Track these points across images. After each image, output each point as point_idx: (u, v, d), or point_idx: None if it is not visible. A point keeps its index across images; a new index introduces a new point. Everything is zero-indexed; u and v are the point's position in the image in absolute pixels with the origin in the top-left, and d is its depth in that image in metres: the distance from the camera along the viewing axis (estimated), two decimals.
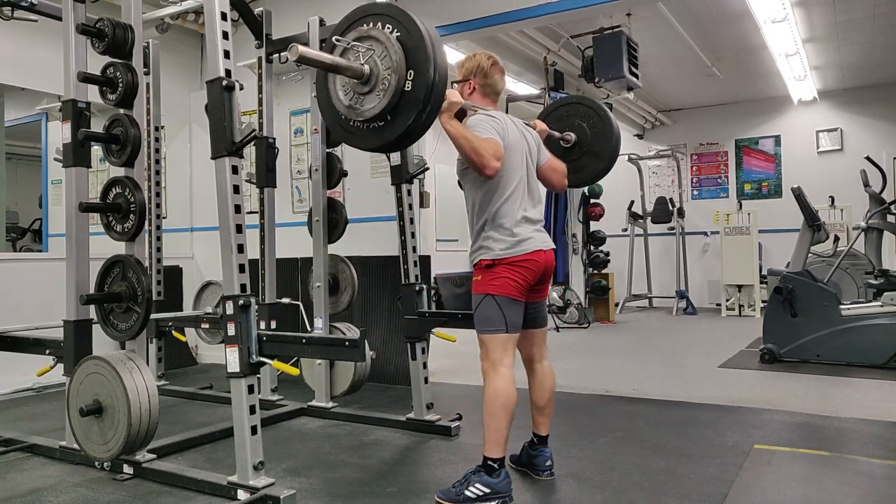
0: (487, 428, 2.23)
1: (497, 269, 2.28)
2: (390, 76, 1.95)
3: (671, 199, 9.15)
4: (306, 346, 2.37)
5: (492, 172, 2.22)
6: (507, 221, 2.30)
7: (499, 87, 2.53)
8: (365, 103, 2.01)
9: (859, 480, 2.42)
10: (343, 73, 2.03)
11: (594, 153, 2.93)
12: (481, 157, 2.19)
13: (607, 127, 2.92)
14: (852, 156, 8.25)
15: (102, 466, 2.62)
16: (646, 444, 2.90)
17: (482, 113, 2.39)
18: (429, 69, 1.90)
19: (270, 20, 3.74)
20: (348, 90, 2.05)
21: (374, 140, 2.05)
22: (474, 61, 2.51)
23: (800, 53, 6.82)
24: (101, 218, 2.66)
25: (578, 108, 3.00)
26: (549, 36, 6.29)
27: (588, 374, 4.60)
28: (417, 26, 1.94)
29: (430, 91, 1.91)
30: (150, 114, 4.09)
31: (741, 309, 8.15)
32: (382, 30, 1.99)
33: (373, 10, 2.06)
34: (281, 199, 4.43)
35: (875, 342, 4.45)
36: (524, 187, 2.38)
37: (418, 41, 1.92)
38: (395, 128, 1.98)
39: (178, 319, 4.20)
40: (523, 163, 2.40)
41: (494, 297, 2.27)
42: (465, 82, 2.51)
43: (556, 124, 2.98)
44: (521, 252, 2.29)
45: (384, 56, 1.97)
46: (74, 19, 2.71)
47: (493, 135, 2.28)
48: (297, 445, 3.00)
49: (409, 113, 1.93)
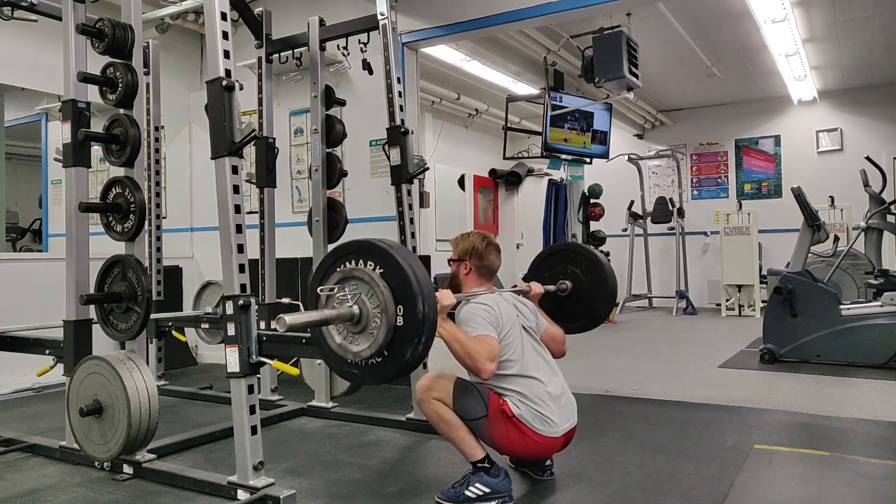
0: (454, 444, 2.25)
1: (511, 428, 2.22)
2: (380, 315, 1.92)
3: (671, 199, 9.15)
4: (306, 346, 2.37)
5: (487, 376, 2.18)
6: (531, 400, 2.24)
7: (495, 267, 2.53)
8: (359, 342, 1.98)
9: (859, 480, 2.41)
10: (334, 323, 2.02)
11: (588, 303, 2.92)
12: (475, 362, 2.16)
13: (600, 269, 2.91)
14: (852, 156, 8.25)
15: (102, 466, 2.62)
16: (646, 444, 2.91)
17: (473, 302, 2.36)
18: (418, 304, 1.86)
19: (270, 20, 3.74)
20: (341, 329, 2.03)
21: (373, 377, 2.02)
22: (469, 242, 2.51)
23: (800, 53, 6.81)
24: (101, 218, 2.66)
25: (568, 255, 3.01)
26: (549, 36, 6.29)
27: (588, 374, 4.60)
28: (397, 261, 1.91)
29: (422, 324, 1.87)
30: (150, 114, 4.09)
31: (741, 309, 8.14)
32: (364, 268, 1.96)
33: (351, 248, 2.02)
34: (281, 199, 4.43)
35: (875, 342, 4.45)
36: (537, 358, 2.35)
37: (402, 276, 1.90)
38: (392, 364, 1.94)
39: (178, 319, 4.20)
40: (525, 336, 2.37)
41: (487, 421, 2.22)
42: (461, 262, 2.51)
43: (552, 271, 2.98)
44: (545, 434, 2.23)
45: (371, 295, 1.95)
46: (74, 19, 2.71)
47: (487, 329, 2.24)
48: (297, 445, 3.00)
49: (405, 347, 1.89)
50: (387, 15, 3.29)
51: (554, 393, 2.30)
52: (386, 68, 3.29)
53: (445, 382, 2.26)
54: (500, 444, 2.27)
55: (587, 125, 7.24)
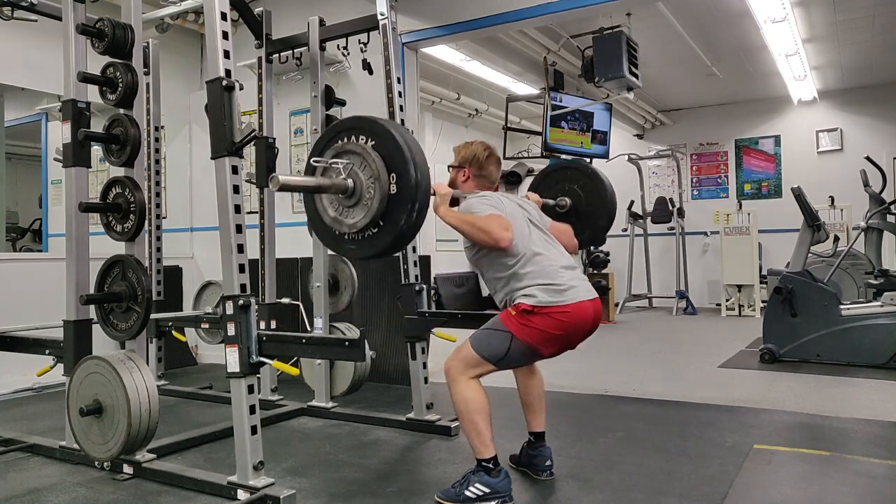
0: (469, 435, 2.23)
1: (534, 318, 2.15)
2: (374, 184, 1.96)
3: (671, 199, 9.15)
4: (306, 346, 2.37)
5: (507, 243, 2.17)
6: (545, 275, 2.20)
7: (494, 178, 2.53)
8: (354, 214, 2.02)
9: (859, 480, 2.41)
10: (328, 192, 2.05)
11: (589, 217, 2.92)
12: (490, 234, 2.16)
13: (599, 186, 2.92)
14: (852, 156, 8.25)
15: (102, 466, 2.62)
16: (646, 444, 2.91)
17: (472, 196, 2.38)
18: (410, 170, 1.91)
19: (270, 20, 3.74)
20: (336, 204, 2.07)
21: (369, 249, 2.04)
22: (470, 150, 2.51)
23: (800, 53, 6.82)
24: (101, 218, 2.66)
25: (567, 172, 3.01)
26: (549, 36, 6.29)
27: (588, 374, 4.60)
28: (391, 133, 1.96)
29: (416, 190, 1.92)
30: (150, 114, 4.09)
31: (741, 309, 8.14)
32: (357, 142, 2.00)
33: (345, 125, 2.08)
34: (281, 199, 4.43)
35: (875, 342, 4.45)
36: (544, 243, 2.34)
37: (394, 146, 1.94)
38: (388, 233, 1.98)
39: (178, 319, 4.20)
40: (530, 226, 2.37)
41: (514, 338, 2.17)
42: (461, 168, 2.51)
43: (550, 190, 2.98)
44: (565, 302, 2.16)
45: (364, 167, 1.99)
46: (74, 19, 2.71)
47: (492, 210, 2.26)
48: (297, 445, 3.00)
49: (399, 215, 1.94)
50: (387, 15, 3.29)
51: (566, 264, 2.28)
52: (386, 68, 3.29)
53: (464, 348, 2.24)
54: (544, 344, 2.17)
55: (587, 125, 7.24)
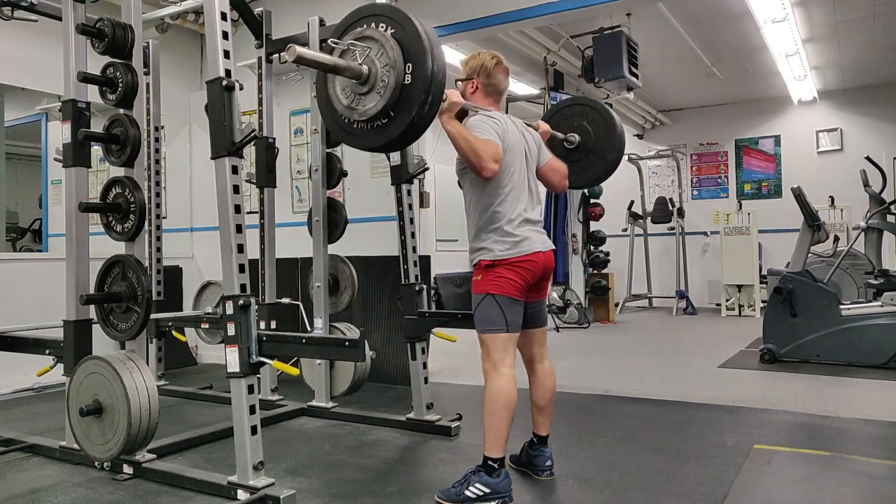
0: (488, 427, 2.22)
1: (497, 270, 2.28)
2: (388, 73, 1.94)
3: (671, 199, 9.15)
4: (306, 346, 2.37)
5: (489, 175, 2.22)
6: (507, 223, 2.30)
7: (502, 87, 2.52)
8: (365, 102, 2.00)
9: (859, 480, 2.42)
10: (342, 74, 2.03)
11: (598, 151, 2.92)
12: (479, 159, 2.20)
13: (610, 124, 2.92)
14: (852, 156, 8.25)
15: (102, 466, 2.62)
16: (646, 444, 2.91)
17: (482, 113, 2.39)
18: (427, 60, 1.88)
19: (270, 20, 3.74)
20: (348, 91, 2.05)
21: (376, 139, 2.04)
22: (478, 60, 2.50)
23: (800, 53, 6.82)
24: (101, 218, 2.66)
25: (578, 108, 3.00)
26: (549, 36, 6.30)
27: (588, 374, 4.60)
28: (412, 21, 1.94)
29: (429, 83, 1.89)
30: (150, 114, 4.09)
31: (741, 309, 8.14)
32: (378, 29, 1.98)
33: (367, 11, 2.06)
34: (281, 199, 4.43)
35: (875, 342, 4.45)
36: (524, 187, 2.38)
37: (414, 36, 1.92)
38: (397, 124, 1.97)
39: (178, 319, 4.20)
40: (523, 163, 2.40)
41: (495, 297, 2.27)
42: (469, 81, 2.50)
43: (559, 127, 2.98)
44: (521, 253, 2.29)
45: (381, 54, 1.97)
46: (74, 19, 2.71)
47: (493, 136, 2.27)
48: (297, 445, 3.00)
49: (411, 107, 1.92)
50: None
51: (530, 217, 2.36)
52: None
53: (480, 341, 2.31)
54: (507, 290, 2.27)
55: None
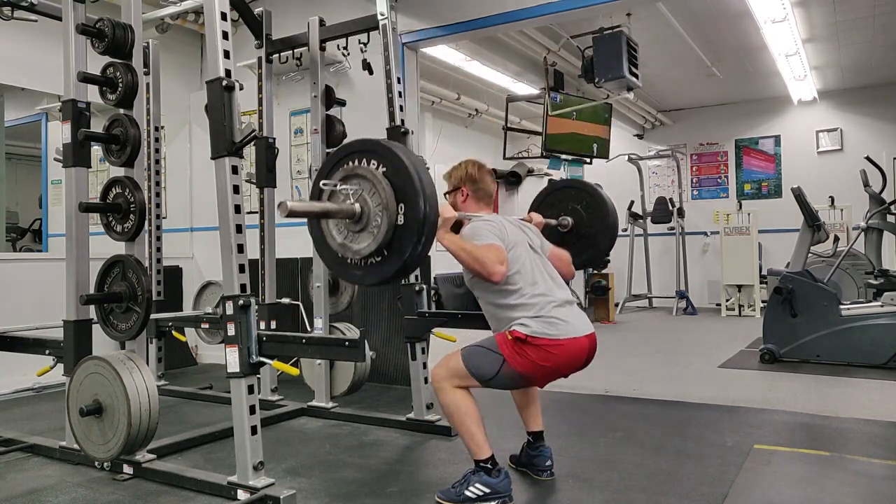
0: (462, 438, 2.23)
1: (528, 349, 2.15)
2: (381, 212, 1.92)
3: (671, 199, 9.15)
4: (306, 346, 2.37)
5: (499, 278, 2.16)
6: (539, 308, 2.20)
7: (491, 190, 2.53)
8: (359, 241, 1.99)
9: (859, 480, 2.42)
10: (334, 217, 2.02)
11: (591, 238, 2.91)
12: (485, 265, 2.15)
13: (601, 205, 2.91)
14: (852, 156, 8.25)
15: (102, 466, 2.62)
16: (646, 444, 2.91)
17: (477, 220, 2.37)
18: (419, 202, 1.87)
19: (270, 20, 3.74)
20: (342, 228, 2.04)
21: (372, 277, 2.02)
22: (461, 170, 2.51)
23: (800, 53, 6.81)
24: (101, 218, 2.66)
25: (569, 191, 3.00)
26: (549, 36, 6.29)
27: (588, 374, 4.56)
28: (402, 160, 1.91)
29: (422, 223, 1.88)
30: (150, 114, 4.09)
31: (741, 309, 8.14)
32: (368, 166, 1.96)
33: (355, 147, 2.04)
34: (281, 199, 4.42)
35: (875, 342, 4.45)
36: (542, 275, 2.32)
37: (405, 175, 1.90)
38: (392, 263, 1.95)
39: (178, 319, 4.20)
40: (531, 253, 2.36)
41: (506, 363, 2.16)
42: (457, 191, 2.51)
43: (552, 209, 2.97)
44: (559, 336, 2.16)
45: (373, 193, 1.95)
46: (74, 19, 2.71)
47: (493, 239, 2.23)
48: (297, 445, 3.00)
49: (405, 247, 1.90)
50: (387, 15, 3.29)
51: (562, 300, 2.27)
52: (386, 68, 3.29)
53: (454, 359, 2.24)
54: (534, 373, 2.18)
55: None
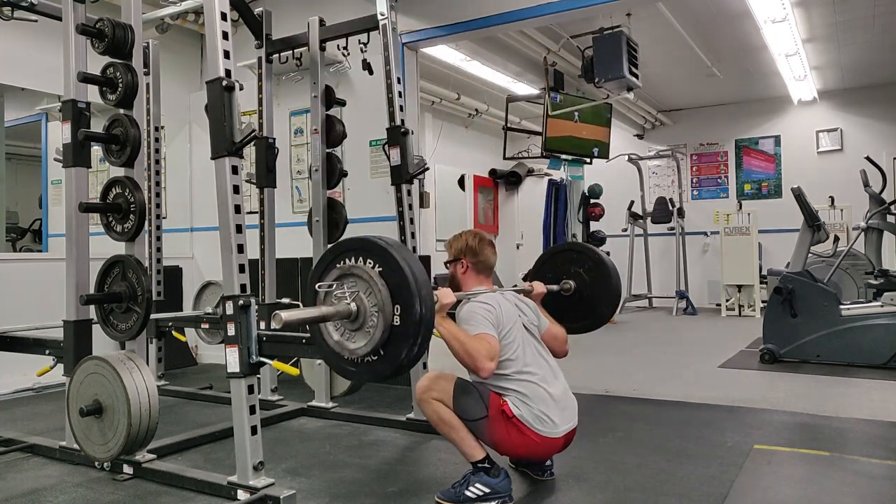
0: (453, 443, 2.25)
1: (511, 429, 2.21)
2: (377, 313, 1.92)
3: (671, 199, 9.15)
4: (306, 346, 2.37)
5: (486, 374, 2.18)
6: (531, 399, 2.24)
7: (490, 262, 2.53)
8: (356, 340, 1.99)
9: (859, 480, 2.41)
10: (331, 320, 2.02)
11: (591, 303, 2.90)
12: (475, 360, 2.16)
13: (603, 269, 2.89)
14: (852, 156, 8.24)
15: (102, 466, 2.62)
16: (646, 444, 2.91)
17: (474, 302, 2.35)
18: (415, 304, 1.86)
19: (270, 20, 3.74)
20: (339, 326, 2.04)
21: (368, 375, 2.03)
22: (461, 241, 2.51)
23: (800, 53, 6.81)
24: (101, 218, 2.66)
25: (571, 255, 2.99)
26: (549, 36, 6.29)
27: (588, 374, 4.60)
28: (397, 261, 1.91)
29: (419, 326, 1.87)
30: (150, 114, 4.09)
31: (741, 309, 8.14)
32: (364, 265, 1.96)
33: (349, 245, 2.03)
34: (281, 199, 4.43)
35: (875, 342, 4.45)
36: (537, 358, 2.34)
37: (400, 276, 1.89)
38: (388, 363, 1.95)
39: (178, 319, 4.20)
40: (526, 337, 2.37)
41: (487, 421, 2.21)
42: (458, 262, 2.51)
43: (554, 271, 2.96)
44: (546, 434, 2.23)
45: (369, 293, 1.95)
46: (74, 19, 2.71)
47: (487, 328, 2.23)
48: (297, 445, 3.00)
49: (401, 348, 1.89)
50: (387, 15, 3.29)
51: (555, 394, 2.29)
52: (386, 68, 3.29)
53: (445, 383, 2.26)
54: (501, 445, 2.26)
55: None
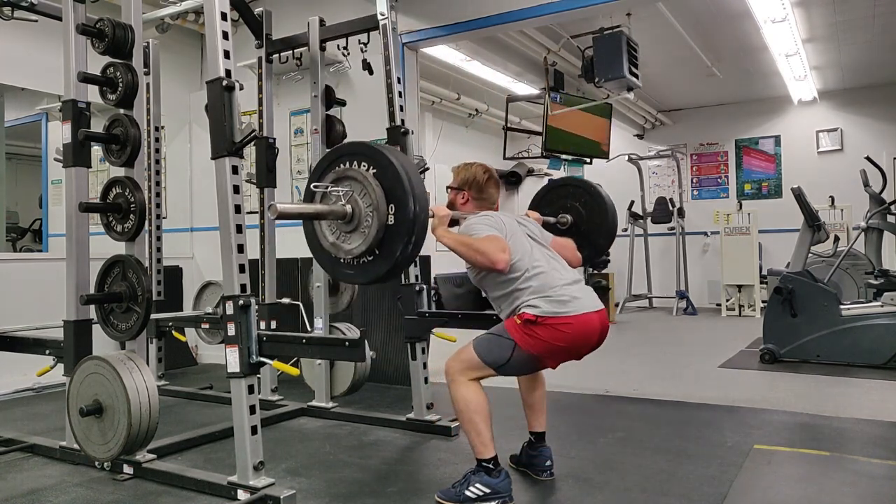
0: (469, 434, 2.23)
1: (538, 329, 2.13)
2: (372, 213, 1.96)
3: (671, 199, 9.15)
4: (306, 346, 2.38)
5: (504, 265, 2.15)
6: (547, 288, 2.18)
7: (493, 200, 2.52)
8: (351, 241, 2.03)
9: (859, 480, 2.41)
10: (326, 219, 2.06)
11: (589, 236, 2.92)
12: (487, 255, 2.14)
13: (600, 202, 2.92)
14: (852, 156, 8.24)
15: (102, 466, 2.62)
16: (646, 444, 2.91)
17: (472, 217, 2.37)
18: (409, 203, 1.91)
19: (270, 20, 3.74)
20: (334, 229, 2.08)
21: (364, 276, 2.06)
22: (470, 172, 2.51)
23: (800, 53, 6.81)
24: (101, 218, 2.66)
25: (568, 189, 3.00)
26: (549, 36, 6.29)
27: (588, 374, 4.59)
28: (392, 162, 1.95)
29: (413, 224, 1.92)
30: (150, 114, 4.09)
31: (741, 309, 8.14)
32: (359, 168, 2.01)
33: (346, 150, 2.08)
34: (281, 200, 4.43)
35: (875, 342, 4.45)
36: (545, 259, 2.31)
37: (395, 177, 1.94)
38: (383, 263, 1.99)
39: (178, 319, 4.20)
40: (532, 242, 2.35)
41: (518, 347, 2.15)
42: (460, 191, 2.51)
43: (551, 207, 2.97)
44: (568, 313, 2.13)
45: (364, 194, 1.99)
46: (74, 19, 2.71)
47: (491, 231, 2.24)
48: (297, 445, 3.00)
49: (395, 247, 1.94)
50: (387, 15, 3.29)
51: (568, 279, 2.25)
52: (386, 68, 3.29)
53: (466, 349, 2.24)
54: (547, 353, 2.16)
55: None
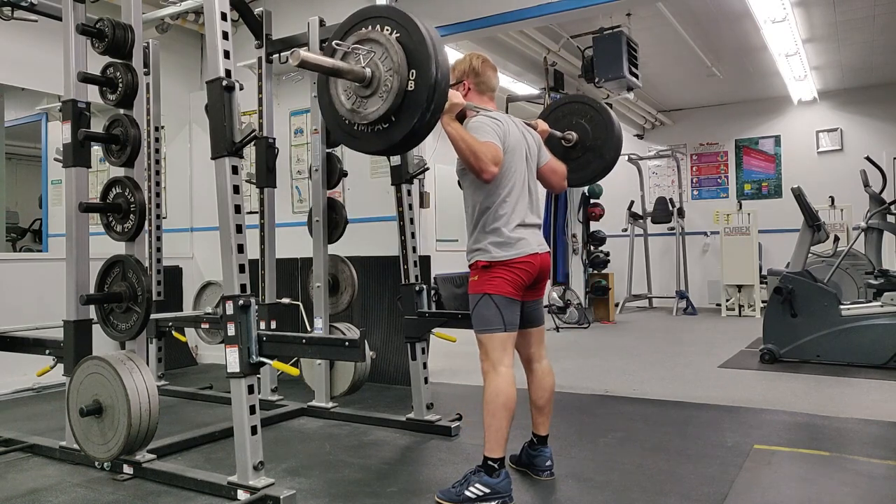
0: (488, 428, 2.22)
1: (494, 270, 2.29)
2: (392, 77, 1.93)
3: (671, 199, 9.16)
4: (306, 346, 2.37)
5: (489, 177, 2.23)
6: (505, 225, 2.31)
7: (493, 84, 2.53)
8: (368, 106, 1.99)
9: (859, 480, 2.42)
10: (344, 77, 2.02)
11: (596, 150, 2.94)
12: (479, 162, 2.20)
13: (607, 122, 2.93)
14: (852, 156, 8.25)
15: (102, 466, 2.62)
16: (646, 444, 2.91)
17: (484, 114, 2.38)
18: (431, 68, 1.87)
19: (270, 20, 3.74)
20: (350, 94, 2.04)
21: (378, 143, 2.03)
22: (465, 62, 2.52)
23: (800, 53, 6.82)
24: (101, 218, 2.66)
25: (576, 106, 3.01)
26: (549, 36, 6.30)
27: (588, 374, 4.60)
28: (417, 26, 1.93)
29: (433, 90, 1.88)
30: (150, 114, 4.09)
31: (741, 309, 8.14)
32: (382, 32, 1.97)
33: (372, 12, 2.05)
34: (281, 199, 4.43)
35: (875, 342, 4.45)
36: (524, 190, 2.39)
37: (419, 41, 1.90)
38: (399, 129, 1.96)
39: (178, 319, 4.20)
40: (523, 165, 2.41)
41: (492, 297, 2.28)
42: (459, 84, 2.51)
43: (557, 125, 2.99)
44: (517, 255, 2.30)
45: (385, 58, 1.96)
46: (74, 19, 2.71)
47: (494, 138, 2.27)
48: (297, 445, 3.00)
49: (413, 113, 1.91)
50: None
51: (530, 222, 2.37)
52: None
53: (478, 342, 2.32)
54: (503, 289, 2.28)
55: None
